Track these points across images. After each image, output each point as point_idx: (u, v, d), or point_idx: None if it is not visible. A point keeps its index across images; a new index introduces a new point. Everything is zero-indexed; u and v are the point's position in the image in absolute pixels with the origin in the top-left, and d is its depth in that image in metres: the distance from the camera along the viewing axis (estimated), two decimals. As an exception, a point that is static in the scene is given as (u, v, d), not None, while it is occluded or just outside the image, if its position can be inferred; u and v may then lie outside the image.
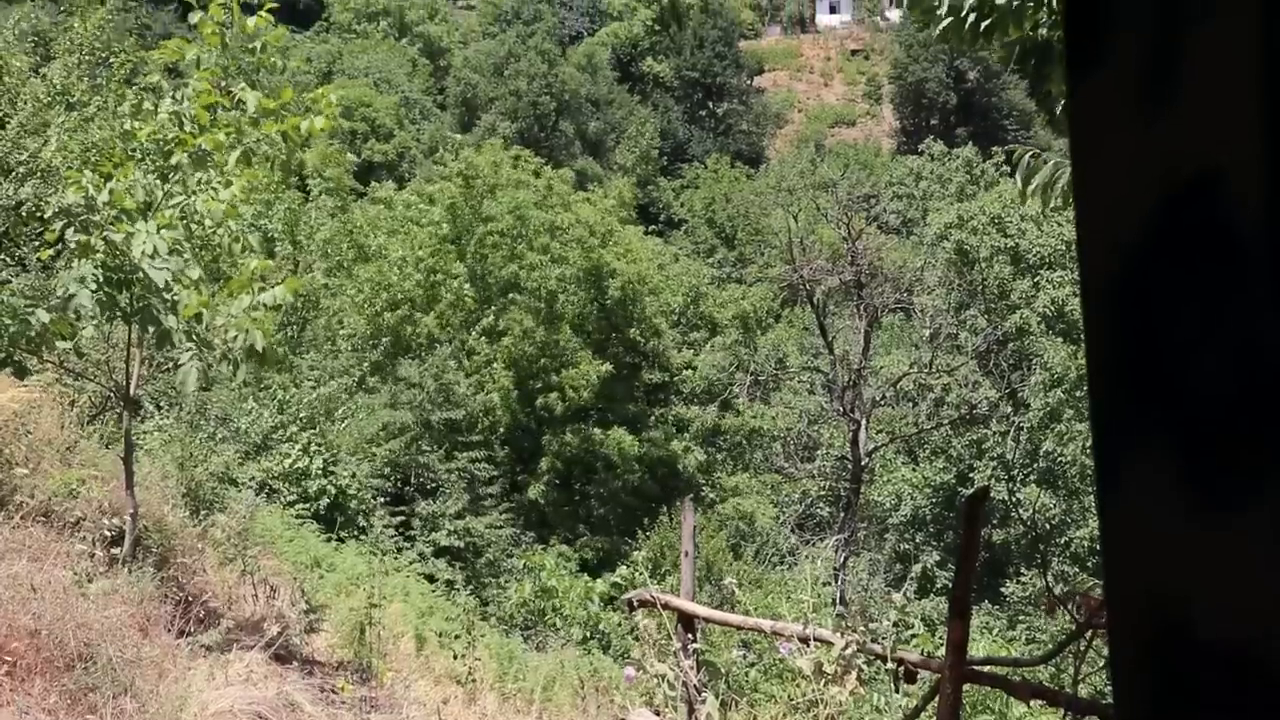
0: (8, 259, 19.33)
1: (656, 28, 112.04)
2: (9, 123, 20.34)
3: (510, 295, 37.06)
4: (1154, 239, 0.98)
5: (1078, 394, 39.33)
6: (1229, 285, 0.92)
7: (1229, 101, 0.93)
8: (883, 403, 41.26)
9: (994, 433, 42.53)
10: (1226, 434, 0.93)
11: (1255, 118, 0.91)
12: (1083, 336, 1.09)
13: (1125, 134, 1.01)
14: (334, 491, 20.27)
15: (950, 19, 6.61)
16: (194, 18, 10.53)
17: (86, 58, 23.18)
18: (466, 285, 36.38)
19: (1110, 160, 1.02)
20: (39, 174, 19.26)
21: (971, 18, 6.56)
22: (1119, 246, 1.01)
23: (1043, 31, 6.56)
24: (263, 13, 10.47)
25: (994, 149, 71.77)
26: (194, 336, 9.70)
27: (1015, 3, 6.45)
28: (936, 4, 6.68)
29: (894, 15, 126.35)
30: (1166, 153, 0.97)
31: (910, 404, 44.87)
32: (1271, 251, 0.90)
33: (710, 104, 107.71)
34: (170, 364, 11.11)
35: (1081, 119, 1.06)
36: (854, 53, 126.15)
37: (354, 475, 21.44)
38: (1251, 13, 0.92)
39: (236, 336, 9.63)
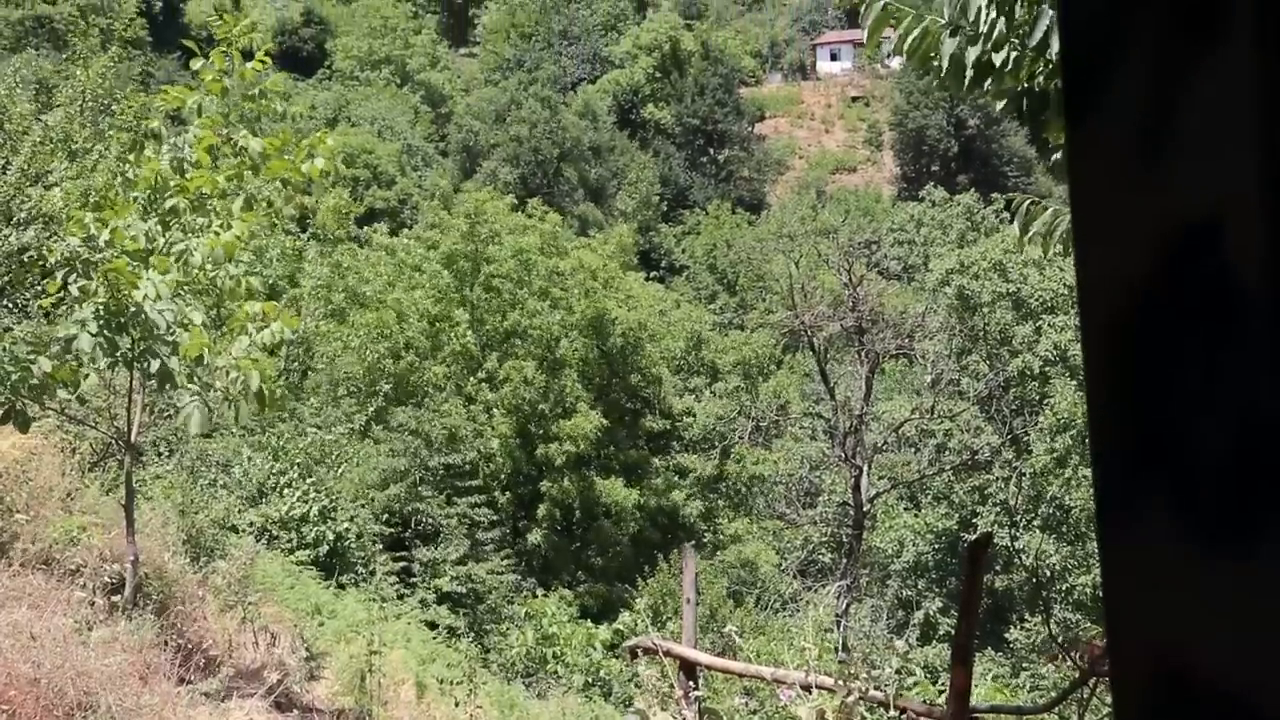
0: (10, 306, 19.35)
1: (658, 75, 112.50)
2: (10, 169, 20.40)
3: (511, 341, 37.08)
4: (1153, 290, 0.98)
5: (1084, 438, 39.24)
6: (1229, 336, 0.92)
7: (1227, 152, 0.93)
8: (885, 448, 41.20)
9: (996, 478, 42.44)
10: (1227, 486, 0.93)
11: (1254, 169, 0.91)
12: (1084, 383, 1.09)
13: (1124, 185, 1.01)
14: (332, 538, 20.22)
15: (949, 68, 6.65)
16: (196, 64, 10.61)
17: (89, 105, 23.27)
18: (469, 333, 36.42)
19: (1109, 211, 1.02)
20: (41, 220, 19.30)
21: (970, 72, 6.61)
22: (1119, 298, 1.01)
23: (1039, 80, 6.59)
24: (260, 56, 10.54)
25: (995, 195, 71.96)
26: (195, 379, 9.71)
27: (1014, 55, 6.49)
28: (934, 56, 6.73)
29: (894, 63, 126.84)
30: (1165, 204, 0.97)
31: (912, 449, 44.81)
32: (1271, 303, 0.90)
33: (711, 150, 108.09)
34: (171, 409, 11.11)
35: (1080, 170, 1.06)
36: (855, 99, 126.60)
37: (353, 519, 21.39)
38: (1248, 64, 0.92)
39: (236, 379, 9.64)
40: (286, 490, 20.63)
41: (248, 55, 10.68)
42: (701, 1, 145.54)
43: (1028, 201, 7.50)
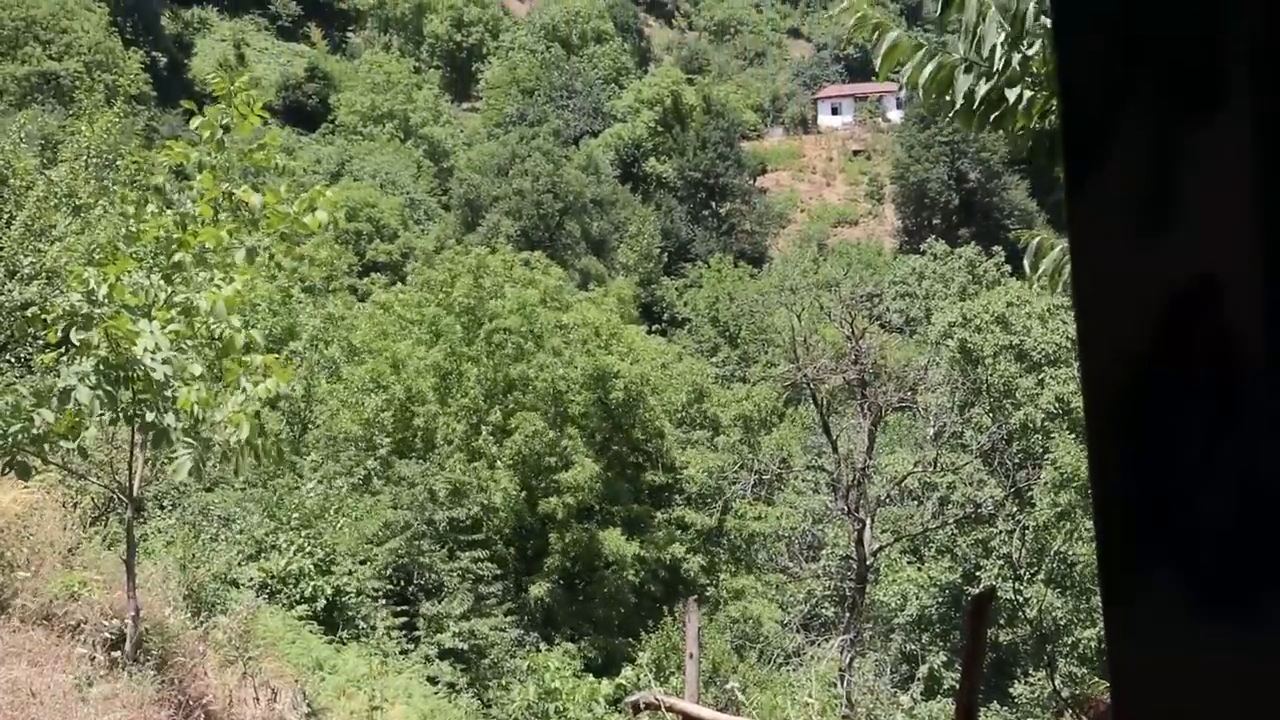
0: (13, 360, 19.37)
1: (659, 129, 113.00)
2: (14, 224, 20.46)
3: (514, 394, 37.08)
4: (1154, 351, 0.98)
5: (1087, 492, 39.10)
6: (1229, 397, 0.92)
7: (1226, 215, 0.94)
8: (887, 502, 41.12)
9: (1000, 531, 42.31)
10: (1228, 550, 0.93)
11: (1253, 231, 0.91)
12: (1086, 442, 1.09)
13: (1124, 246, 1.02)
14: (331, 592, 20.14)
15: (962, 106, 6.71)
16: (195, 121, 10.67)
17: (93, 160, 23.36)
18: (476, 386, 36.50)
19: (1109, 274, 1.03)
20: (44, 275, 19.34)
21: (982, 108, 6.67)
22: (1120, 358, 1.01)
23: (1051, 119, 6.65)
24: (258, 110, 10.60)
25: (996, 248, 72.11)
26: (191, 434, 9.71)
27: (1027, 95, 6.54)
28: (947, 92, 6.78)
29: (895, 116, 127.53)
30: (1165, 265, 0.98)
31: (915, 503, 44.69)
32: (1271, 364, 0.90)
33: (713, 204, 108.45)
34: (170, 460, 11.09)
35: (1081, 230, 1.06)
36: (856, 153, 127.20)
37: (352, 573, 21.31)
38: (1246, 125, 0.92)
39: (232, 432, 9.65)
40: (285, 544, 20.58)
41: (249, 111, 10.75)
42: (703, 56, 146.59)
43: (1037, 239, 7.53)
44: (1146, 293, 0.99)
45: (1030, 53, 6.50)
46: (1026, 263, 7.55)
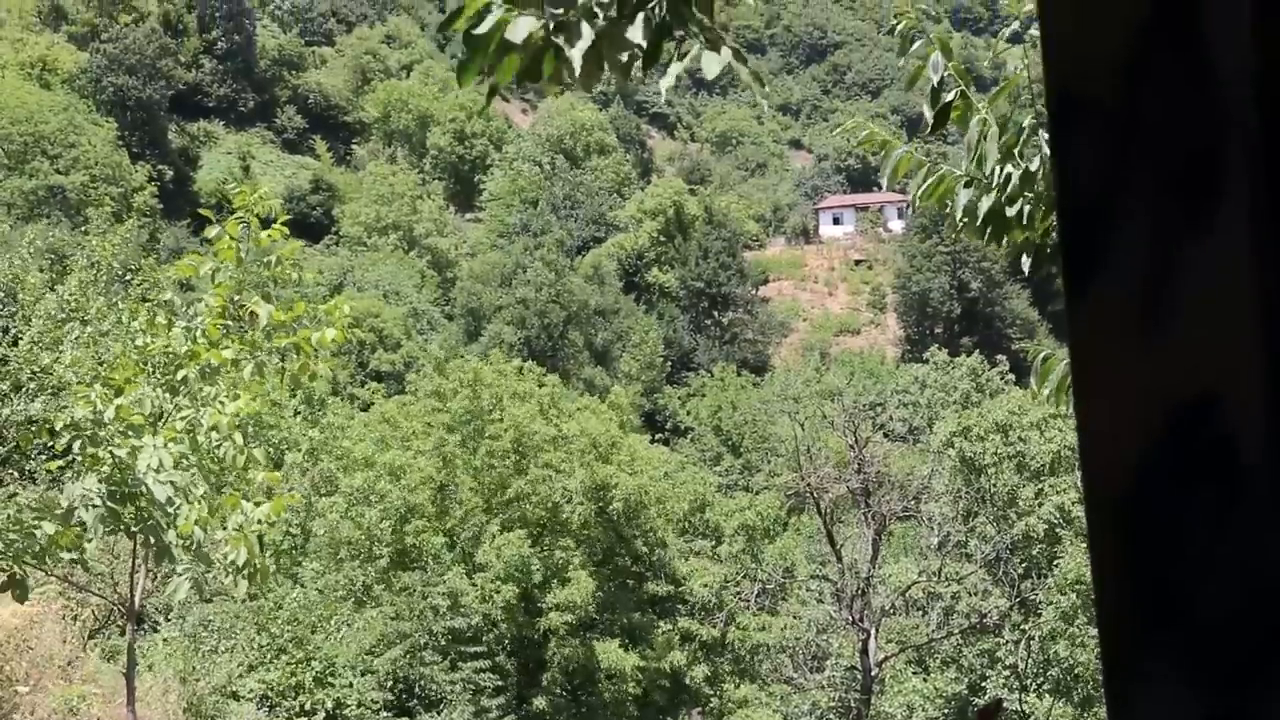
0: (16, 473, 19.35)
1: (662, 239, 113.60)
2: (22, 339, 20.52)
3: (513, 506, 36.97)
4: (1155, 460, 0.99)
5: (1090, 596, 38.71)
6: (1231, 506, 0.93)
7: (1226, 323, 0.94)
8: (892, 612, 40.81)
9: (1005, 641, 41.94)
10: (1233, 652, 0.93)
11: (1252, 340, 0.92)
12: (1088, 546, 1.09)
13: (1124, 356, 1.02)
14: (331, 705, 19.96)
15: (964, 218, 6.82)
16: (211, 232, 10.73)
17: (102, 275, 23.46)
18: (474, 498, 36.42)
19: (1110, 381, 1.04)
20: (50, 389, 19.36)
21: (983, 221, 6.76)
22: (1121, 466, 1.02)
23: (1053, 234, 6.72)
24: (277, 226, 10.68)
25: (1000, 357, 72.26)
26: (192, 551, 9.70)
27: (1028, 209, 6.63)
28: (949, 206, 6.89)
29: (896, 226, 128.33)
30: (1165, 374, 0.98)
31: (920, 613, 44.34)
32: (1271, 473, 0.91)
33: (716, 313, 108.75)
34: (173, 574, 11.06)
35: (1081, 340, 1.07)
36: (857, 263, 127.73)
37: (352, 685, 21.13)
38: (1243, 235, 0.94)
39: (231, 553, 9.63)
40: (284, 655, 20.44)
41: (265, 223, 10.83)
42: (705, 167, 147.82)
43: (1043, 353, 7.58)
44: (1146, 400, 1.00)
45: (1031, 167, 6.59)
46: (1033, 379, 7.60)
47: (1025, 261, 7.00)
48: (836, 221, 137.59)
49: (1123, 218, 1.03)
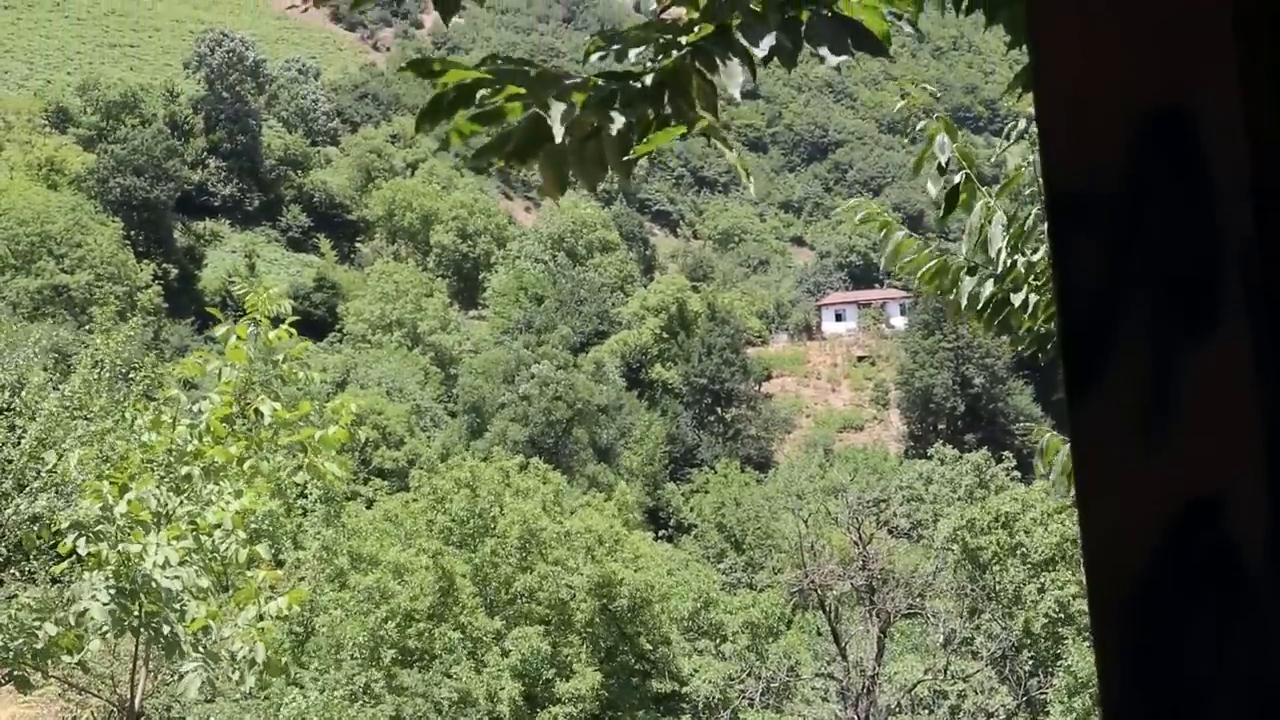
0: (17, 573, 19.26)
1: (665, 335, 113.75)
2: (25, 437, 20.48)
3: (517, 604, 36.76)
4: (1158, 564, 0.99)
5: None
6: (1234, 613, 0.93)
7: (1227, 427, 0.95)
8: (898, 710, 40.39)
9: (1013, 740, 41.50)
10: None
11: (1255, 444, 0.93)
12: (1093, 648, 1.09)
13: (1126, 457, 1.02)
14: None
15: (967, 305, 6.85)
16: (219, 330, 10.76)
17: (106, 374, 23.44)
18: (477, 597, 36.23)
19: (1112, 484, 1.04)
20: (53, 488, 19.30)
21: (987, 309, 6.79)
22: (1124, 571, 1.01)
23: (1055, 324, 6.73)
24: (284, 327, 10.72)
25: (1005, 453, 72.10)
26: (201, 648, 9.65)
27: (1032, 299, 6.66)
28: (953, 293, 6.93)
29: (899, 323, 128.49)
30: (1167, 478, 0.99)
31: (926, 711, 43.89)
32: (1275, 580, 0.91)
33: (719, 409, 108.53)
34: (176, 675, 10.99)
35: (1082, 443, 1.08)
36: (860, 359, 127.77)
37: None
38: (1244, 338, 0.95)
39: (242, 648, 9.58)
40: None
41: (275, 321, 10.88)
42: (707, 264, 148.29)
43: (1047, 435, 7.57)
44: (1148, 503, 1.00)
45: (1035, 259, 6.63)
46: (1038, 459, 7.60)
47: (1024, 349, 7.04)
48: (839, 318, 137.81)
49: (1123, 318, 1.03)
